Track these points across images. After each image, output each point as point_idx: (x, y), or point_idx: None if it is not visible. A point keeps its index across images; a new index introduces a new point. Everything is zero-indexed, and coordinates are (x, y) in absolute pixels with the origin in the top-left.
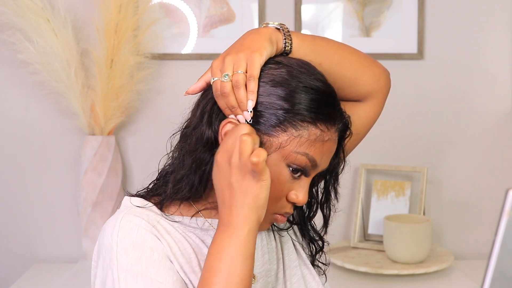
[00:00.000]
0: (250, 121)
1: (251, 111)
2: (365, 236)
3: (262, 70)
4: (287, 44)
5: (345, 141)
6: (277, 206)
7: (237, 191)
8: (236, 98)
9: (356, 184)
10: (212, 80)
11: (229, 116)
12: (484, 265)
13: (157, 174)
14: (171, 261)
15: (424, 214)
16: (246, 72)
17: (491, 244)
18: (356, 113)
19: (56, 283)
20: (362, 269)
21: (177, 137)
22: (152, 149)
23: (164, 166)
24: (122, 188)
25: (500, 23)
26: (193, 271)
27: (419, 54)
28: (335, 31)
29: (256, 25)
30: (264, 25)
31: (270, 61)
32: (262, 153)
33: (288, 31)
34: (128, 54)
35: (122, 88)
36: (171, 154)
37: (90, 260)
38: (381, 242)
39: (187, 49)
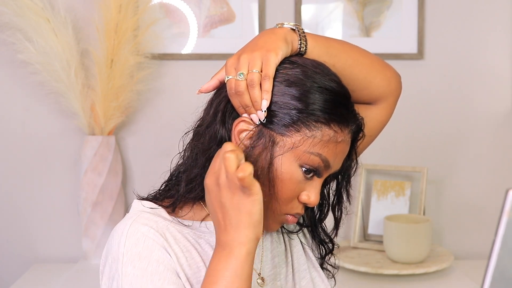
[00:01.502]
0: (263, 120)
1: (265, 111)
2: (365, 236)
3: (277, 70)
4: (302, 45)
5: (358, 143)
6: (288, 206)
7: (229, 210)
8: (250, 97)
9: (356, 184)
10: (226, 79)
11: (243, 115)
12: (484, 265)
13: (167, 175)
14: (177, 273)
15: (424, 214)
16: (261, 72)
17: (491, 244)
18: (366, 115)
19: (56, 283)
20: (362, 269)
21: (189, 136)
22: (152, 149)
23: (176, 165)
24: (122, 188)
25: (500, 23)
26: (200, 282)
27: (419, 54)
28: (335, 31)
29: (256, 25)
30: (279, 25)
31: (285, 61)
32: (247, 168)
33: (303, 32)
34: (128, 54)
35: (122, 88)
36: (182, 154)
37: (90, 260)
38: (381, 242)
39: (187, 49)
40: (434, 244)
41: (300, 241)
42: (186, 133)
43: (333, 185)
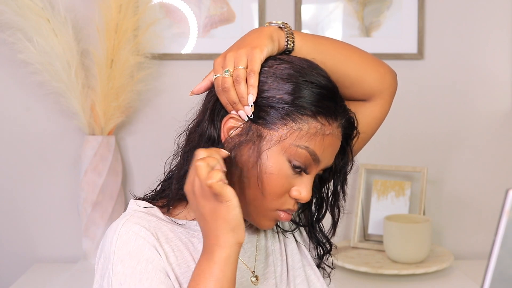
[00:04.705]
0: (251, 115)
1: (252, 105)
2: (365, 236)
3: (263, 66)
4: (289, 42)
5: (353, 141)
6: (279, 202)
7: (206, 217)
8: (237, 93)
9: (356, 184)
10: (213, 77)
11: (231, 112)
12: (484, 265)
13: (163, 175)
14: (167, 272)
15: (424, 214)
16: (247, 68)
17: (491, 244)
18: (362, 112)
19: (56, 283)
20: (362, 269)
21: (183, 137)
22: (152, 149)
23: (170, 166)
24: (122, 188)
25: (500, 23)
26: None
27: (419, 54)
28: (335, 31)
29: (256, 25)
30: (267, 24)
31: (272, 58)
32: (215, 175)
33: (291, 30)
34: (128, 54)
35: (122, 88)
36: (178, 154)
37: (90, 260)
38: (381, 242)
39: (187, 49)
40: (434, 244)
41: (295, 239)
42: (179, 135)
43: (330, 184)
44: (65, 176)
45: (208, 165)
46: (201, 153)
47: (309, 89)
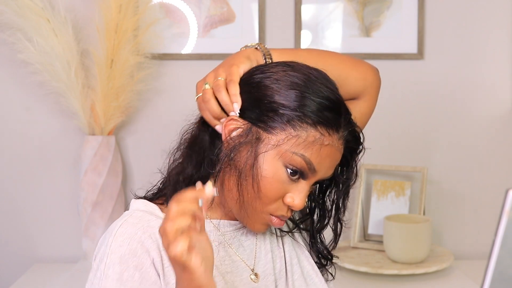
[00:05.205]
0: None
1: (238, 114)
2: (365, 236)
3: (267, 71)
4: (267, 59)
5: (358, 156)
6: (272, 207)
7: (176, 271)
8: (220, 102)
9: (356, 184)
10: (195, 98)
11: (230, 114)
12: (484, 265)
13: (166, 166)
14: (157, 278)
15: (424, 214)
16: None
17: (491, 244)
18: (351, 110)
19: (56, 283)
20: (362, 269)
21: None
22: (152, 149)
23: (174, 158)
24: (122, 188)
25: (500, 23)
26: None
27: (419, 54)
28: (335, 31)
29: (256, 25)
30: (244, 48)
31: (280, 64)
32: (180, 245)
33: (266, 49)
34: (128, 54)
35: (122, 88)
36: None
37: (90, 260)
38: (381, 242)
39: (187, 49)
40: (434, 244)
41: (289, 234)
42: (185, 131)
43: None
44: (65, 176)
45: (176, 231)
46: (173, 208)
47: (311, 99)
